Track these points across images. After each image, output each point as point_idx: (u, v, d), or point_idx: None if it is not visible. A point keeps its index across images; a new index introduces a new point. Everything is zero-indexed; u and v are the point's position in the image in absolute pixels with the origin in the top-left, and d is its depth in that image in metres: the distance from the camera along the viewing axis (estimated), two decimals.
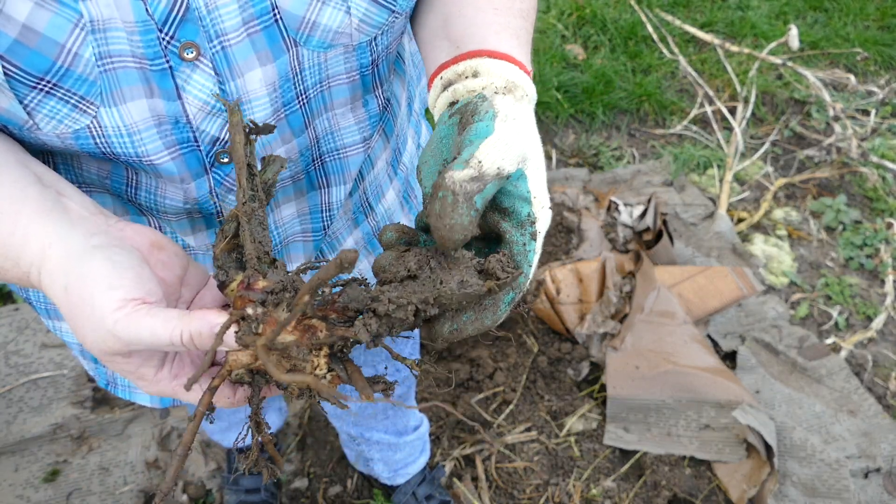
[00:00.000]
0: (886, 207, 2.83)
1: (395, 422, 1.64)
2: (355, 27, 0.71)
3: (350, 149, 0.85)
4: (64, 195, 0.62)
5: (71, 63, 0.60)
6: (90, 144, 0.66)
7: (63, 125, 0.64)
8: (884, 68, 3.53)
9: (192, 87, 0.66)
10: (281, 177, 0.81)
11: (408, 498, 1.90)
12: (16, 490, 1.94)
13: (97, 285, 0.55)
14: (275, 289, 0.57)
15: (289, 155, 0.79)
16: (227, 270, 0.61)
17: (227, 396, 0.62)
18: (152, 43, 0.62)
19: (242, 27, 0.65)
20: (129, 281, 0.56)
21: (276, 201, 0.84)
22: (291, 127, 0.76)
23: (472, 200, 0.53)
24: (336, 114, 0.80)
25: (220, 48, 0.65)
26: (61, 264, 0.57)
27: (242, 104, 0.70)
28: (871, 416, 2.14)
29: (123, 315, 0.54)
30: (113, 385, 1.06)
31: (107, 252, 0.57)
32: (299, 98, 0.74)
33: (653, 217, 2.52)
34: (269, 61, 0.68)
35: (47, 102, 0.62)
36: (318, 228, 0.92)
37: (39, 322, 2.31)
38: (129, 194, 0.77)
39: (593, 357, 2.23)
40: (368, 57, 0.76)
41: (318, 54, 0.71)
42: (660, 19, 3.65)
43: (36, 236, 0.58)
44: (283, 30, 0.67)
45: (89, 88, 0.62)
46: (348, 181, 0.88)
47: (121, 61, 0.62)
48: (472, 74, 0.66)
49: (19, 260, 0.59)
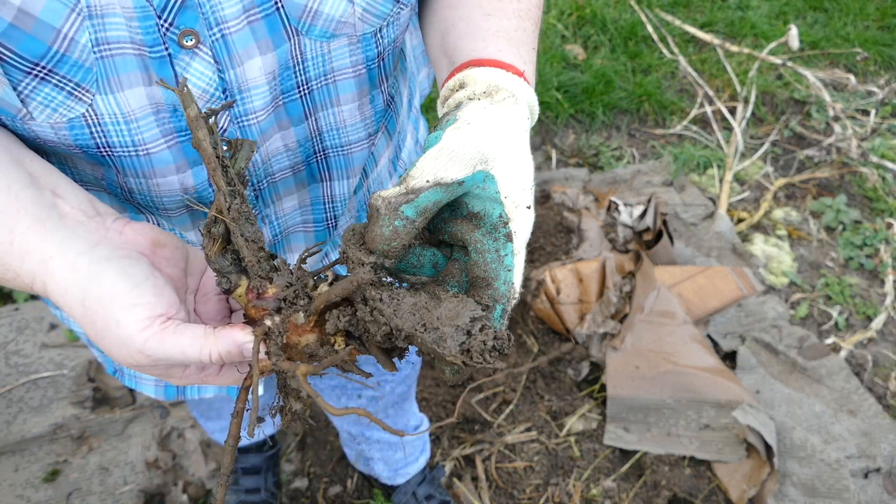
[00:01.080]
0: (886, 207, 2.83)
1: (395, 421, 1.64)
2: (359, 17, 0.70)
3: (355, 145, 0.85)
4: (59, 196, 0.61)
5: (67, 48, 0.59)
6: (85, 134, 0.65)
7: (57, 114, 0.63)
8: (884, 68, 3.53)
9: (191, 74, 0.66)
10: (280, 167, 0.80)
11: (408, 498, 1.90)
12: (16, 490, 1.94)
13: (118, 303, 0.56)
14: (287, 296, 0.59)
15: (285, 142, 0.78)
16: (228, 276, 0.61)
17: (237, 378, 0.66)
18: (151, 30, 0.62)
19: (243, 15, 0.65)
20: (150, 296, 0.57)
21: (276, 193, 0.84)
22: (290, 115, 0.76)
23: (398, 211, 0.56)
24: (343, 110, 0.80)
25: (220, 36, 0.65)
26: (71, 278, 0.57)
27: (242, 93, 0.69)
28: (871, 416, 2.14)
29: (151, 334, 0.56)
30: (120, 374, 1.07)
31: (119, 265, 0.57)
32: (300, 87, 0.74)
33: (653, 217, 2.52)
34: (270, 50, 0.68)
35: (42, 89, 0.61)
36: (319, 219, 0.92)
37: (39, 322, 2.31)
38: (126, 195, 0.77)
39: (593, 357, 2.23)
40: (374, 50, 0.75)
41: (320, 44, 0.71)
42: (660, 19, 3.65)
43: (36, 249, 0.57)
44: (284, 18, 0.67)
45: (85, 75, 0.61)
46: (352, 176, 0.88)
47: (119, 48, 0.61)
48: (459, 86, 0.67)
49: (20, 271, 0.58)
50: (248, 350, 0.59)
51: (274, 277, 0.60)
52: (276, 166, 0.80)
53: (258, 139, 0.74)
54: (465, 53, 0.70)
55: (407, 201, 0.56)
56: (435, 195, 0.56)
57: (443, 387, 2.22)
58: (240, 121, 0.72)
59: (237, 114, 0.71)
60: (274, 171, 0.81)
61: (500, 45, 0.70)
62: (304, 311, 0.58)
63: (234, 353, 0.58)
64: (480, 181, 0.58)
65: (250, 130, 0.73)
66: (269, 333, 0.58)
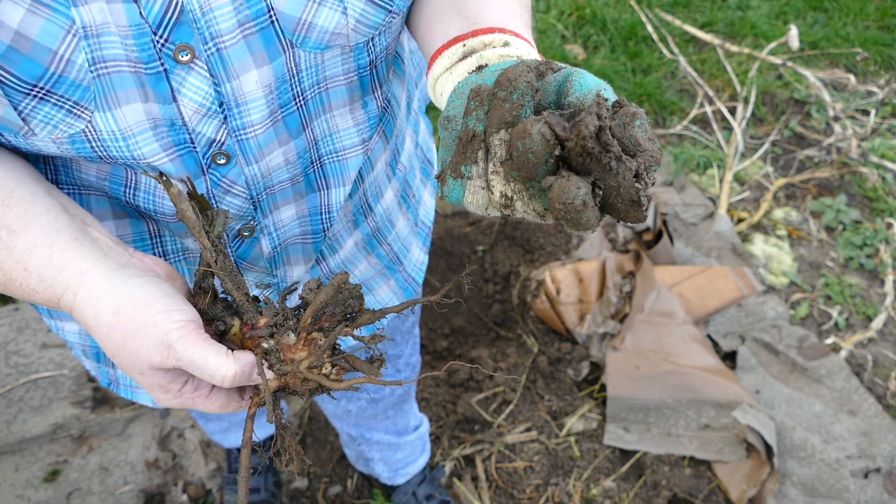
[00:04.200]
0: (886, 207, 2.83)
1: (395, 422, 1.64)
2: (352, 27, 0.70)
3: (349, 151, 0.85)
4: (88, 224, 0.68)
5: (64, 69, 0.60)
6: (86, 148, 0.66)
7: (58, 130, 0.64)
8: (884, 68, 3.53)
9: (188, 89, 0.66)
10: (280, 180, 0.80)
11: (408, 498, 1.90)
12: (16, 490, 1.95)
13: (155, 308, 0.62)
14: (277, 322, 0.67)
15: (286, 157, 0.78)
16: (224, 319, 0.69)
17: (237, 401, 0.70)
18: (146, 46, 0.62)
19: (238, 29, 0.65)
20: (183, 306, 0.63)
21: (274, 203, 0.84)
22: (289, 129, 0.76)
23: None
24: (334, 115, 0.80)
25: (216, 50, 0.65)
26: (104, 288, 0.62)
27: (238, 106, 0.70)
28: (871, 416, 2.14)
29: (186, 334, 0.61)
30: (115, 385, 1.06)
31: (151, 281, 0.64)
32: (296, 99, 0.74)
33: (653, 217, 2.52)
34: (266, 63, 0.68)
35: (41, 108, 0.62)
36: (317, 230, 0.91)
37: (39, 322, 2.31)
38: (128, 196, 0.77)
39: (593, 357, 2.23)
40: (366, 58, 0.75)
41: (314, 55, 0.71)
42: (660, 19, 3.65)
43: (73, 263, 0.63)
44: (279, 31, 0.67)
45: (83, 94, 0.62)
46: (348, 183, 0.88)
47: (115, 66, 0.62)
48: (503, 44, 0.65)
49: (54, 283, 0.63)
50: (255, 370, 0.65)
51: (263, 311, 0.69)
52: (276, 179, 0.80)
53: (256, 153, 0.75)
54: (494, 20, 0.68)
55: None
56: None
57: (443, 387, 2.22)
58: (237, 134, 0.72)
59: (235, 127, 0.71)
60: (274, 183, 0.81)
61: (527, 32, 0.70)
62: (293, 330, 0.67)
63: (247, 374, 0.64)
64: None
65: (248, 144, 0.73)
66: (268, 353, 0.66)
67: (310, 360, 0.66)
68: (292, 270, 0.95)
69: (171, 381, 0.65)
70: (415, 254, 1.14)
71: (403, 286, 1.13)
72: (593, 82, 0.53)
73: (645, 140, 0.49)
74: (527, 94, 0.51)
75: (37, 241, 0.63)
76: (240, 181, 0.76)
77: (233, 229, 0.83)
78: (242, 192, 0.77)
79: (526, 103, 0.51)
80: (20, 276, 0.64)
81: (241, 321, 0.69)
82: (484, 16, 0.69)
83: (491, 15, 0.69)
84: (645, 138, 0.49)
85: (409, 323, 1.35)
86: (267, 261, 0.90)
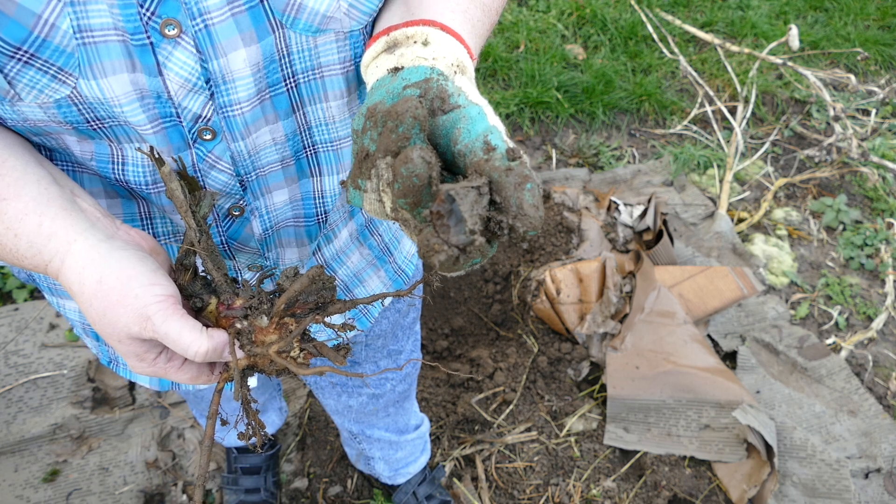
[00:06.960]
0: (886, 207, 2.83)
1: (396, 420, 1.63)
2: (344, 12, 0.71)
3: (344, 141, 0.85)
4: (77, 195, 0.69)
5: (48, 34, 0.60)
6: (73, 112, 0.67)
7: (44, 95, 0.65)
8: (884, 68, 3.53)
9: (174, 64, 0.66)
10: (269, 160, 0.81)
11: (408, 497, 1.90)
12: (16, 490, 1.94)
13: (138, 281, 0.64)
14: (252, 304, 0.70)
15: (273, 136, 0.79)
16: (201, 297, 0.72)
17: (207, 375, 0.73)
18: (132, 17, 0.62)
19: (226, 6, 0.65)
20: (164, 281, 0.66)
21: (266, 185, 0.84)
22: (276, 109, 0.77)
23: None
24: (330, 105, 0.80)
25: (203, 26, 0.65)
26: (90, 257, 0.64)
27: (226, 83, 0.70)
28: (872, 417, 2.14)
29: (164, 308, 0.64)
30: (115, 364, 1.08)
31: (135, 254, 0.66)
32: (286, 81, 0.74)
33: (653, 217, 2.52)
34: (254, 42, 0.68)
35: (27, 72, 0.62)
36: (310, 214, 0.92)
37: (39, 322, 2.30)
38: (117, 173, 0.77)
39: (593, 357, 2.23)
40: (363, 47, 0.76)
41: (306, 38, 0.71)
42: (660, 19, 3.64)
43: (63, 231, 0.65)
44: (268, 11, 0.67)
45: (67, 60, 0.63)
46: (341, 171, 0.89)
47: (102, 35, 0.62)
48: (423, 42, 0.66)
49: (43, 250, 0.65)
50: (227, 349, 0.68)
51: (239, 293, 0.72)
52: (264, 160, 0.81)
53: (242, 131, 0.75)
54: (430, 12, 0.69)
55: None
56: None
57: (443, 387, 2.22)
58: (224, 111, 0.72)
59: (221, 104, 0.72)
60: (263, 164, 0.81)
61: (466, 28, 0.70)
62: (267, 314, 0.69)
63: (219, 351, 0.67)
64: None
65: (234, 121, 0.74)
66: (240, 333, 0.70)
67: (279, 345, 0.69)
68: (285, 253, 0.95)
69: (146, 350, 0.67)
70: (406, 246, 1.14)
71: (393, 277, 1.14)
72: (481, 127, 0.55)
73: (530, 206, 0.51)
74: (413, 127, 0.54)
75: (27, 209, 0.65)
76: (225, 157, 0.77)
77: (222, 208, 0.83)
78: (228, 167, 0.78)
79: (413, 135, 0.54)
80: (10, 242, 0.66)
81: (218, 300, 0.72)
82: (424, 7, 0.70)
83: (431, 7, 0.70)
84: (530, 204, 0.51)
85: (409, 319, 1.35)
86: (258, 242, 0.90)
